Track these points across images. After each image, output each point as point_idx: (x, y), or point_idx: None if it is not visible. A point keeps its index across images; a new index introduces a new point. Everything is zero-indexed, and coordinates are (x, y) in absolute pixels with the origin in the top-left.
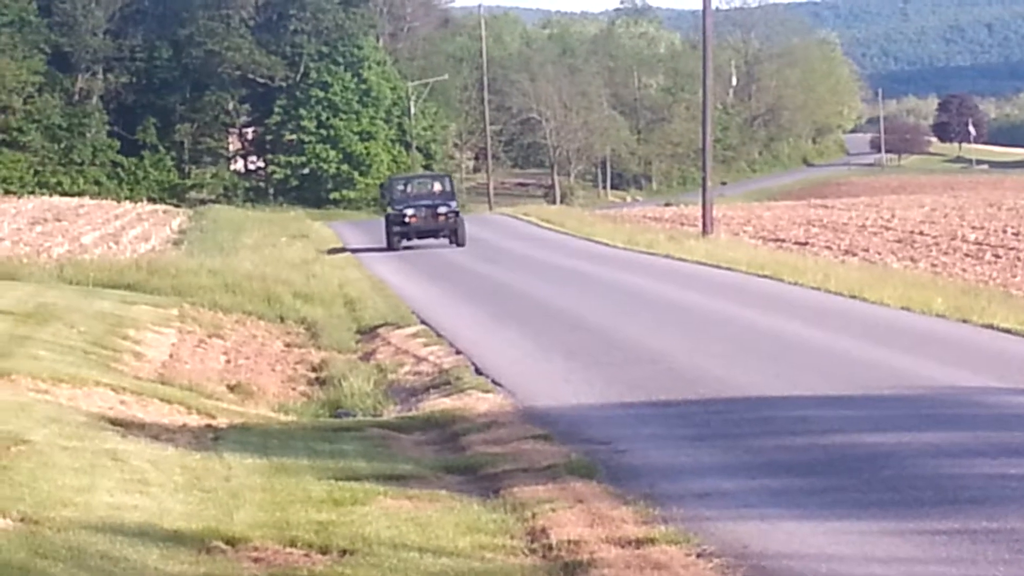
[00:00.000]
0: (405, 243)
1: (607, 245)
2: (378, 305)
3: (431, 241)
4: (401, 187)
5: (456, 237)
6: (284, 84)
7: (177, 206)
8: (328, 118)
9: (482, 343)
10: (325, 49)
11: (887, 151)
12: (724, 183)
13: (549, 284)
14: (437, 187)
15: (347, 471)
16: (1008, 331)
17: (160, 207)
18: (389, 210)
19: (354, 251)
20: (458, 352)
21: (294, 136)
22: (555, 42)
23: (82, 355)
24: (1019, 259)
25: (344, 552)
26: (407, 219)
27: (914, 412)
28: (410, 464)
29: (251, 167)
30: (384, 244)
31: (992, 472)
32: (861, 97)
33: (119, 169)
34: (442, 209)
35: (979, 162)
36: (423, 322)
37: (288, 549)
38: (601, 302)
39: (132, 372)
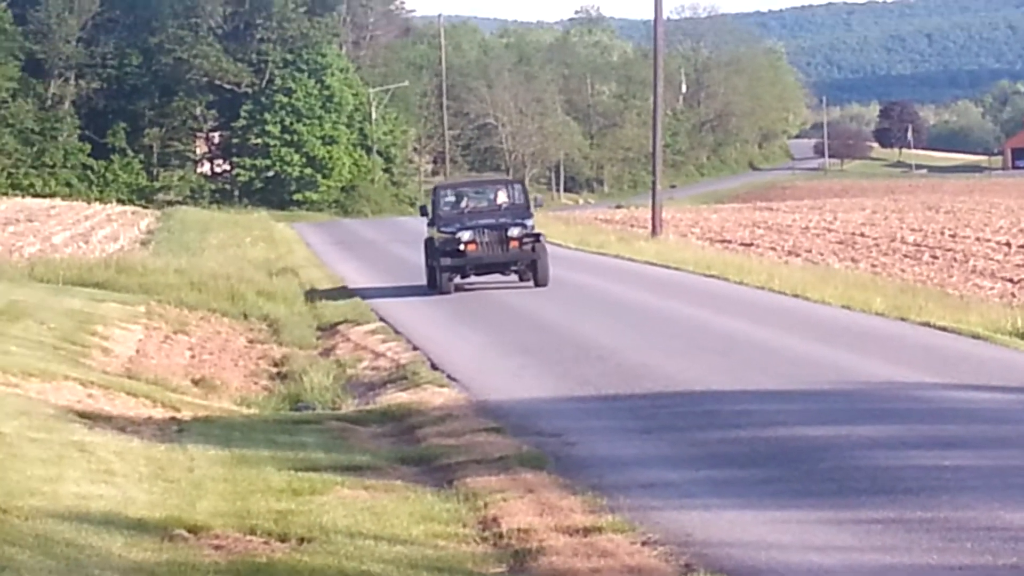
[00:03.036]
0: (458, 281)
1: (560, 246)
2: (338, 303)
3: (496, 278)
4: (451, 198)
5: (536, 273)
6: (250, 90)
7: (145, 207)
8: (292, 123)
9: (438, 339)
10: (290, 57)
11: (830, 156)
12: (673, 186)
13: (502, 282)
14: (503, 197)
15: (306, 462)
16: (944, 329)
17: (129, 208)
18: (433, 233)
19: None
20: (415, 348)
21: (259, 140)
22: (512, 50)
23: (52, 351)
24: (955, 260)
25: (302, 540)
26: (463, 247)
27: (852, 406)
28: (367, 455)
29: (217, 170)
30: (425, 282)
31: (926, 464)
32: (806, 104)
33: (89, 172)
34: (514, 231)
35: (918, 167)
36: (381, 319)
37: (248, 537)
38: (553, 300)
39: (100, 367)
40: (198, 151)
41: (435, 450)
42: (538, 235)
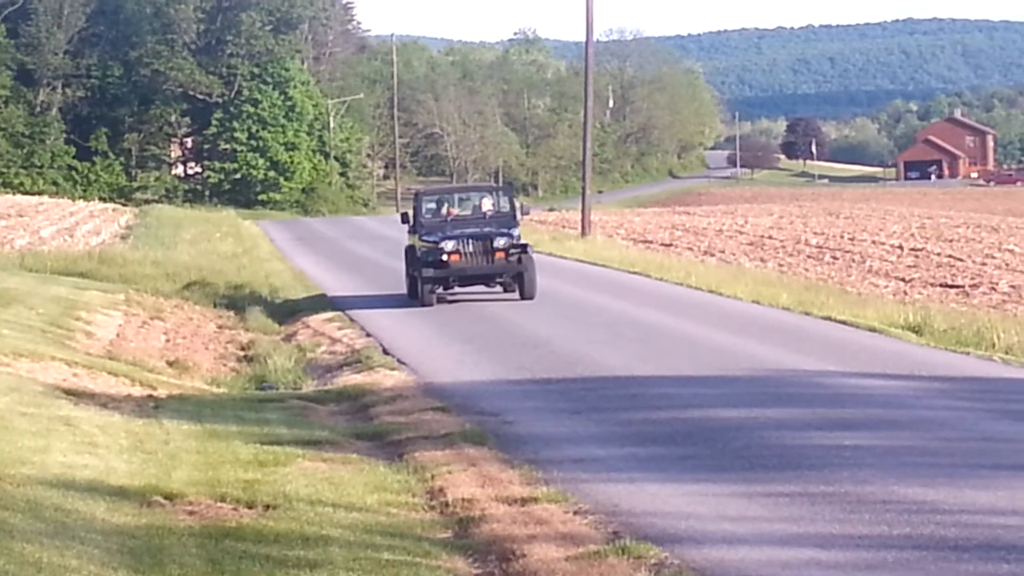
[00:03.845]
0: (440, 292)
1: None
2: (299, 293)
3: (480, 289)
4: (433, 205)
5: (522, 285)
6: (220, 100)
7: (124, 205)
8: (258, 130)
9: (389, 328)
10: (257, 70)
11: (742, 166)
12: (601, 192)
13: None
14: (488, 204)
15: (271, 436)
16: (843, 322)
17: (110, 206)
18: (416, 242)
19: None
20: (368, 335)
21: (228, 145)
22: (457, 67)
23: (40, 333)
24: (854, 261)
25: (267, 507)
26: (445, 257)
27: (762, 391)
28: (325, 431)
29: (190, 172)
30: (405, 292)
31: (828, 443)
32: (720, 119)
33: (74, 172)
34: (500, 242)
35: (821, 177)
36: (338, 309)
37: (219, 504)
38: (491, 294)
39: (83, 349)
40: (172, 155)
41: (387, 427)
42: (525, 246)
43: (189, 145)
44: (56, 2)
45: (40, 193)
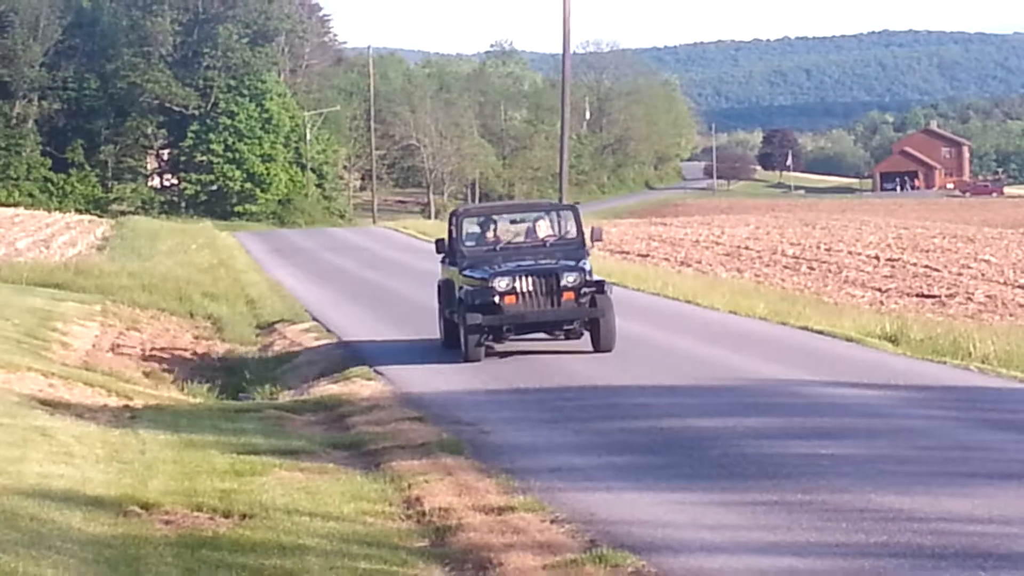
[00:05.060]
0: (488, 344)
1: None
2: (275, 304)
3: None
4: (476, 229)
5: (597, 333)
6: (197, 112)
7: (100, 217)
8: (234, 142)
9: (364, 338)
10: (233, 82)
11: (718, 177)
12: (577, 203)
13: (422, 288)
14: (546, 229)
15: (247, 446)
16: (820, 332)
17: (86, 217)
18: (454, 275)
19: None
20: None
21: (204, 157)
22: (433, 79)
23: (16, 344)
24: (830, 271)
25: (244, 516)
26: (499, 299)
27: (739, 400)
28: (302, 441)
29: (166, 183)
30: (441, 339)
31: (805, 452)
32: (696, 130)
33: (50, 184)
34: (570, 279)
35: (797, 188)
36: (314, 319)
37: (195, 513)
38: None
39: (60, 359)
40: (149, 166)
41: (363, 436)
42: (600, 283)
43: (165, 157)
44: (32, 14)
45: (16, 205)
